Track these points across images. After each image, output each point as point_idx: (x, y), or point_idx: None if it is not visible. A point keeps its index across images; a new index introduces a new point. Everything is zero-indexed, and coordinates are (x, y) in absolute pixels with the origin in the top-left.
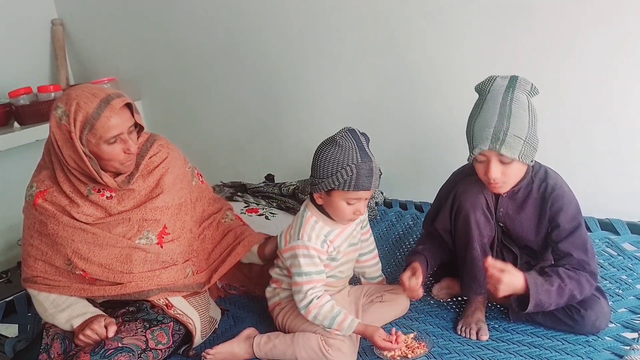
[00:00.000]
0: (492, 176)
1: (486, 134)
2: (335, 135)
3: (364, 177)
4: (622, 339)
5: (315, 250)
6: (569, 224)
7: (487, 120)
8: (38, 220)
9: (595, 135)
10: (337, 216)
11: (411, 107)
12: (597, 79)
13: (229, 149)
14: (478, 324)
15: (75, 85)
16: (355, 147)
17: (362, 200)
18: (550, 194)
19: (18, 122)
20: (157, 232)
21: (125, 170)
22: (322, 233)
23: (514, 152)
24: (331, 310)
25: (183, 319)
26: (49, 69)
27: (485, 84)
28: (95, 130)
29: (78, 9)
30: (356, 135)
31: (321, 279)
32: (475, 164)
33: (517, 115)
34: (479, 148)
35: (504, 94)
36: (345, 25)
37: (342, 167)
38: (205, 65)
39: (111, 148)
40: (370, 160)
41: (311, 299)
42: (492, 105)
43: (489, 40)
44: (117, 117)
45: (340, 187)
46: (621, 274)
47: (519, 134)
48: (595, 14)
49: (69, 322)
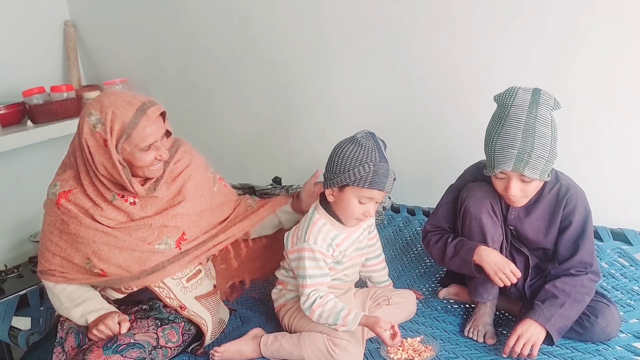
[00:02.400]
0: (512, 193)
1: (510, 154)
2: (356, 134)
3: (381, 176)
4: (633, 349)
5: (320, 254)
6: (581, 223)
7: (510, 139)
8: (60, 219)
9: (608, 145)
10: (346, 215)
11: (420, 112)
12: (608, 88)
13: (238, 151)
14: (486, 327)
15: (107, 92)
16: (375, 148)
17: (374, 201)
18: (565, 195)
19: (31, 120)
20: (176, 238)
21: (154, 175)
22: (329, 236)
23: (536, 172)
24: (334, 307)
25: (196, 319)
26: (62, 69)
27: (506, 97)
28: (131, 139)
29: (90, 10)
30: (376, 138)
31: (325, 282)
32: (494, 179)
33: (542, 135)
34: (501, 168)
35: (528, 111)
36: (355, 30)
37: (360, 164)
38: (216, 68)
39: (145, 155)
40: (387, 163)
41: (314, 299)
42: (516, 123)
43: (500, 46)
44: (152, 126)
45: (355, 183)
46: (633, 285)
47: (542, 155)
48: (609, 21)
49: (84, 316)
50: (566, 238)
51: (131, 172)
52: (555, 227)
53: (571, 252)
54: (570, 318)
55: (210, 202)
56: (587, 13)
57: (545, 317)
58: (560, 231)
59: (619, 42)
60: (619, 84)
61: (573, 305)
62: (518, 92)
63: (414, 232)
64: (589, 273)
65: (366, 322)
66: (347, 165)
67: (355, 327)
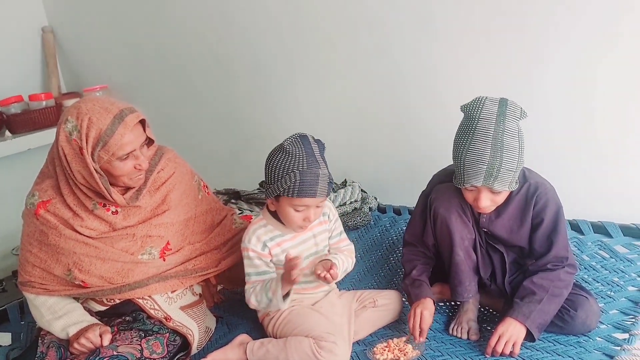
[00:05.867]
0: (483, 205)
1: (479, 169)
2: (284, 141)
3: (308, 184)
4: (613, 339)
5: (254, 252)
6: (553, 219)
7: (479, 154)
8: (38, 229)
9: (587, 139)
10: (287, 222)
11: (404, 112)
12: (587, 84)
13: (222, 157)
14: (469, 323)
15: (85, 98)
16: (303, 153)
17: (311, 207)
18: (534, 193)
19: (9, 130)
20: (160, 248)
21: (134, 184)
22: (265, 237)
23: (505, 185)
24: (262, 285)
25: (182, 330)
26: (40, 77)
27: (473, 108)
28: (108, 147)
29: (69, 16)
30: (307, 141)
31: (259, 279)
32: (464, 190)
33: (510, 148)
34: (471, 183)
35: (496, 125)
36: (337, 31)
37: (286, 173)
38: (197, 73)
39: (123, 164)
40: (318, 167)
41: (248, 294)
42: (485, 137)
43: (481, 47)
44: (130, 134)
45: (284, 193)
46: (613, 276)
47: (510, 168)
48: (588, 18)
49: (65, 330)
50: (539, 235)
51: (110, 181)
52: (527, 226)
53: (546, 248)
54: (549, 313)
55: (195, 210)
56: (567, 13)
57: (524, 315)
58: (533, 229)
59: (597, 37)
60: (597, 79)
61: (551, 300)
62: (485, 104)
63: (400, 231)
64: (565, 267)
65: (283, 278)
66: (275, 175)
67: (279, 293)
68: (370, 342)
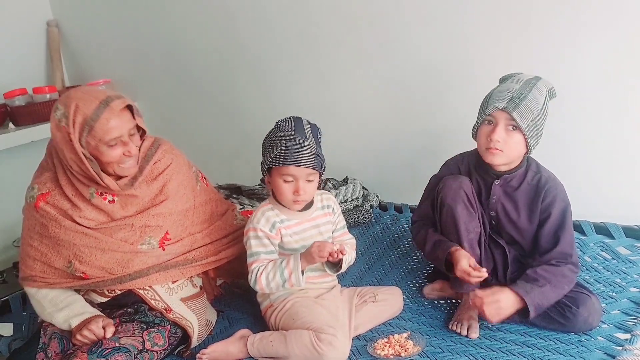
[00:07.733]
0: (496, 137)
1: (505, 96)
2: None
3: (293, 152)
4: (615, 339)
5: (263, 233)
6: (560, 216)
7: (508, 87)
8: (39, 222)
9: (592, 140)
10: (282, 198)
11: (407, 110)
12: (595, 83)
13: (225, 152)
14: (469, 321)
15: (76, 87)
16: (292, 128)
17: (300, 180)
18: (544, 186)
19: (13, 123)
20: (159, 237)
21: (126, 173)
22: (274, 219)
23: (523, 121)
24: (274, 265)
25: (182, 322)
26: (45, 70)
27: (511, 74)
28: (94, 132)
29: (74, 10)
30: (300, 121)
31: (269, 258)
32: (480, 130)
33: (536, 96)
34: (494, 106)
35: (529, 79)
36: (341, 29)
37: (274, 144)
38: (201, 68)
39: (111, 150)
40: (305, 139)
41: (257, 271)
42: (517, 80)
43: (486, 44)
44: (116, 119)
45: (272, 163)
46: (615, 277)
47: (532, 109)
48: (595, 13)
49: (67, 321)
50: (546, 230)
51: (102, 169)
52: (534, 217)
53: (552, 243)
54: (549, 299)
55: (194, 200)
56: (573, 8)
57: (525, 290)
58: (540, 224)
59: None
60: (606, 79)
61: (553, 290)
62: (522, 73)
63: (401, 229)
64: (569, 264)
65: (306, 258)
66: (265, 148)
67: (300, 269)
68: (371, 338)
